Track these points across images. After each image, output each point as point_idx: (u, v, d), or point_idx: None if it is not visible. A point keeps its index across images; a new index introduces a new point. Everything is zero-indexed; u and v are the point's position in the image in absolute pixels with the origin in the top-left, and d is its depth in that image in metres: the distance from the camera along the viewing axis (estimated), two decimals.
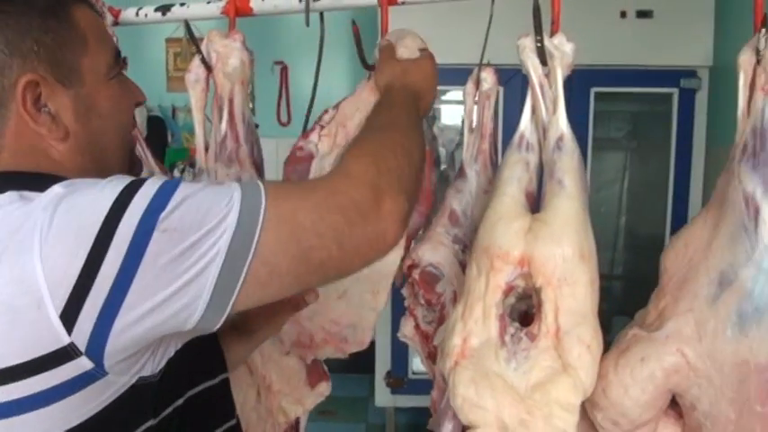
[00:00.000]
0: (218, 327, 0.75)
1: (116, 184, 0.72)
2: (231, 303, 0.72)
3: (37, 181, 0.76)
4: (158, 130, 3.80)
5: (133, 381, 0.74)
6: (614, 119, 3.86)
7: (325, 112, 1.20)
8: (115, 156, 0.89)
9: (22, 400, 0.70)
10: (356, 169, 0.79)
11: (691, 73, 2.76)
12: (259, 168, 1.29)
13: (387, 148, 0.83)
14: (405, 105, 0.98)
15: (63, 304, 0.67)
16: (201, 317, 0.71)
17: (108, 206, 0.70)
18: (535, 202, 1.01)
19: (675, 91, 2.78)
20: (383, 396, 3.07)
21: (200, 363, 0.88)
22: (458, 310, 0.99)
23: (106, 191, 0.71)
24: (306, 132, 1.22)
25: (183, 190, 0.72)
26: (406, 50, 1.08)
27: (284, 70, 3.85)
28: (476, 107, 1.16)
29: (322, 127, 1.17)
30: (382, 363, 3.03)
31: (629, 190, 3.67)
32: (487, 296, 0.96)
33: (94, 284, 0.68)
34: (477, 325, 0.96)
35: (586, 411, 0.98)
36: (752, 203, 0.90)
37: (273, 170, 1.28)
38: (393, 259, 1.19)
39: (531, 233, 0.95)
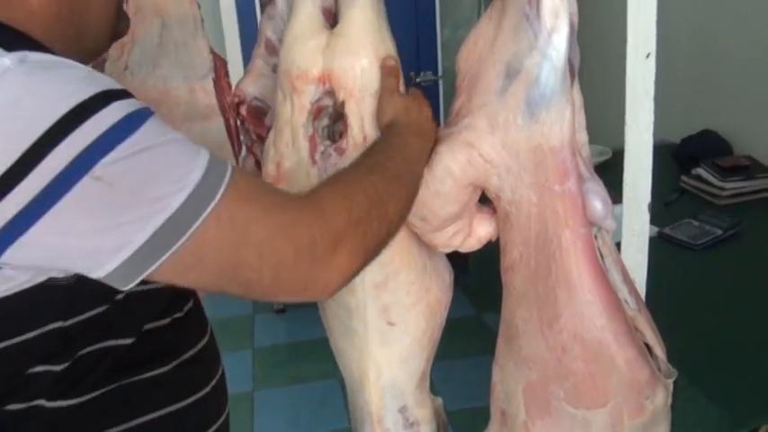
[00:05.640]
0: (125, 288, 0.69)
1: (75, 90, 0.63)
2: (146, 274, 0.67)
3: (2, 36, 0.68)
4: None
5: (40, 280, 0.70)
6: None
7: None
8: (99, 5, 0.79)
9: None
10: (330, 208, 0.74)
11: None
12: None
13: (366, 194, 0.78)
14: (405, 149, 0.90)
15: None
16: (113, 271, 0.66)
17: (55, 117, 0.62)
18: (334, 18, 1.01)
19: None
20: None
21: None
22: (270, 136, 1.00)
23: (64, 92, 0.63)
24: None
25: (144, 136, 0.65)
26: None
27: None
28: None
29: None
30: None
31: None
32: (294, 118, 0.97)
33: (8, 197, 0.61)
34: (288, 148, 0.98)
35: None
36: None
37: None
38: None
39: (329, 48, 0.96)
